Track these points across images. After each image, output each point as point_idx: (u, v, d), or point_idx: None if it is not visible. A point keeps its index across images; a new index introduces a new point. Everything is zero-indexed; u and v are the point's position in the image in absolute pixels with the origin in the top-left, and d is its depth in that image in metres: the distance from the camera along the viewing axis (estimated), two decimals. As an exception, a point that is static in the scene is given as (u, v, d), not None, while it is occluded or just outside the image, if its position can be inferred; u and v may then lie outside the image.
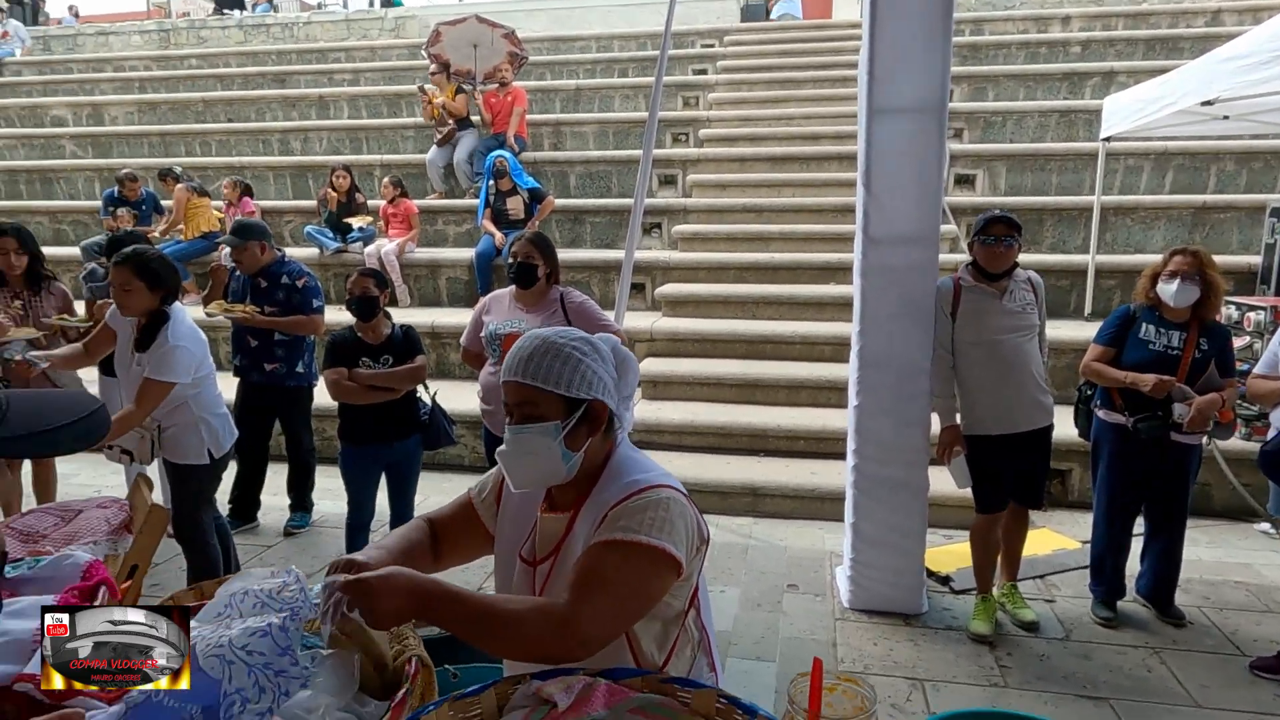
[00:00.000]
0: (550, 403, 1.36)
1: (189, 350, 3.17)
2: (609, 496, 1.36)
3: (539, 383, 1.36)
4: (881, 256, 3.40)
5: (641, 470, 1.41)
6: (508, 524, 1.52)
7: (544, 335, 1.41)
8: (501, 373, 1.42)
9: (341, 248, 7.42)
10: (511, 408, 1.41)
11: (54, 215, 9.24)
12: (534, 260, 3.48)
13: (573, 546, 1.38)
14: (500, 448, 1.40)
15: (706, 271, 6.92)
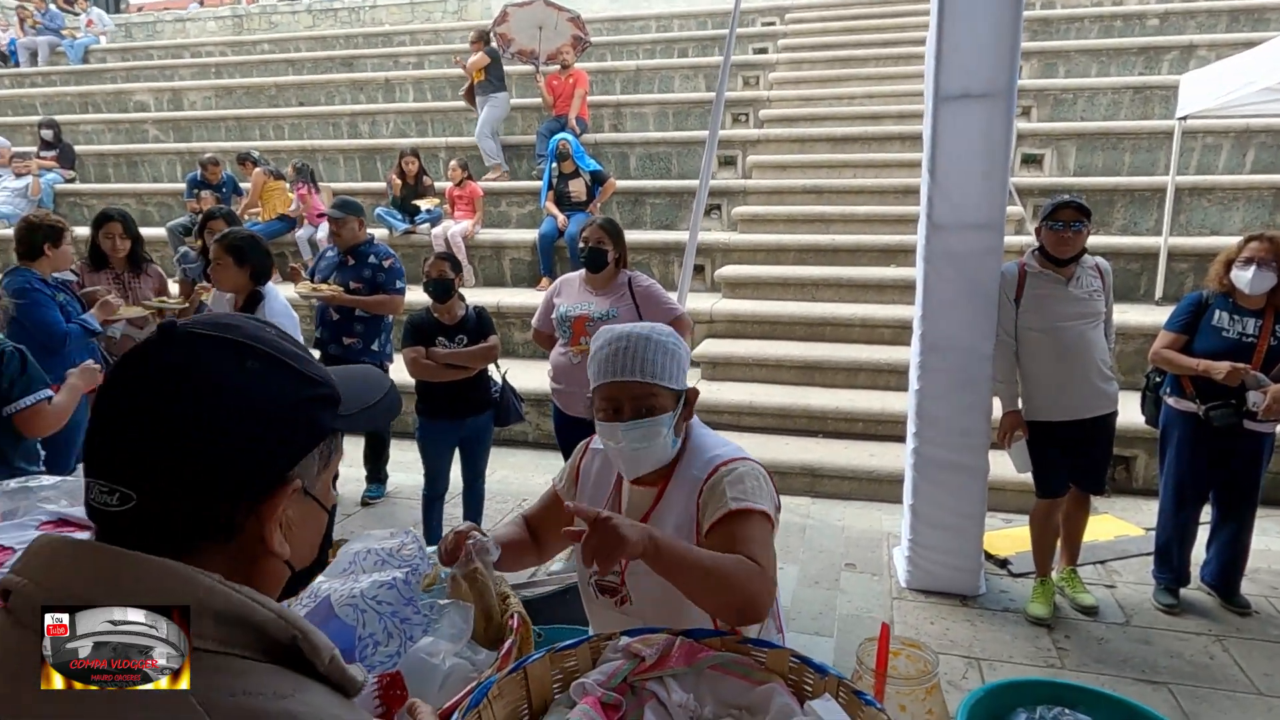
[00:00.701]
0: (664, 396, 1.50)
1: (282, 325, 3.42)
2: (697, 471, 1.52)
3: (656, 379, 1.49)
4: (945, 242, 3.42)
5: (720, 445, 1.59)
6: (586, 499, 1.67)
7: (643, 333, 1.52)
8: (607, 372, 1.51)
9: (410, 229, 7.66)
10: (624, 403, 1.50)
11: (140, 197, 9.70)
12: (604, 245, 3.60)
13: (663, 515, 1.54)
14: (614, 443, 1.51)
15: (766, 253, 6.96)
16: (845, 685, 1.17)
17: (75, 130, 11.04)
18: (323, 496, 0.80)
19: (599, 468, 1.70)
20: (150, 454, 0.68)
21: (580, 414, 3.69)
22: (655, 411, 1.50)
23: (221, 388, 0.71)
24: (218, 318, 0.77)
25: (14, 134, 10.73)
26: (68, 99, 12.15)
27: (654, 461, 1.53)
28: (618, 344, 1.52)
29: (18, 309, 3.62)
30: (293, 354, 0.77)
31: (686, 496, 1.52)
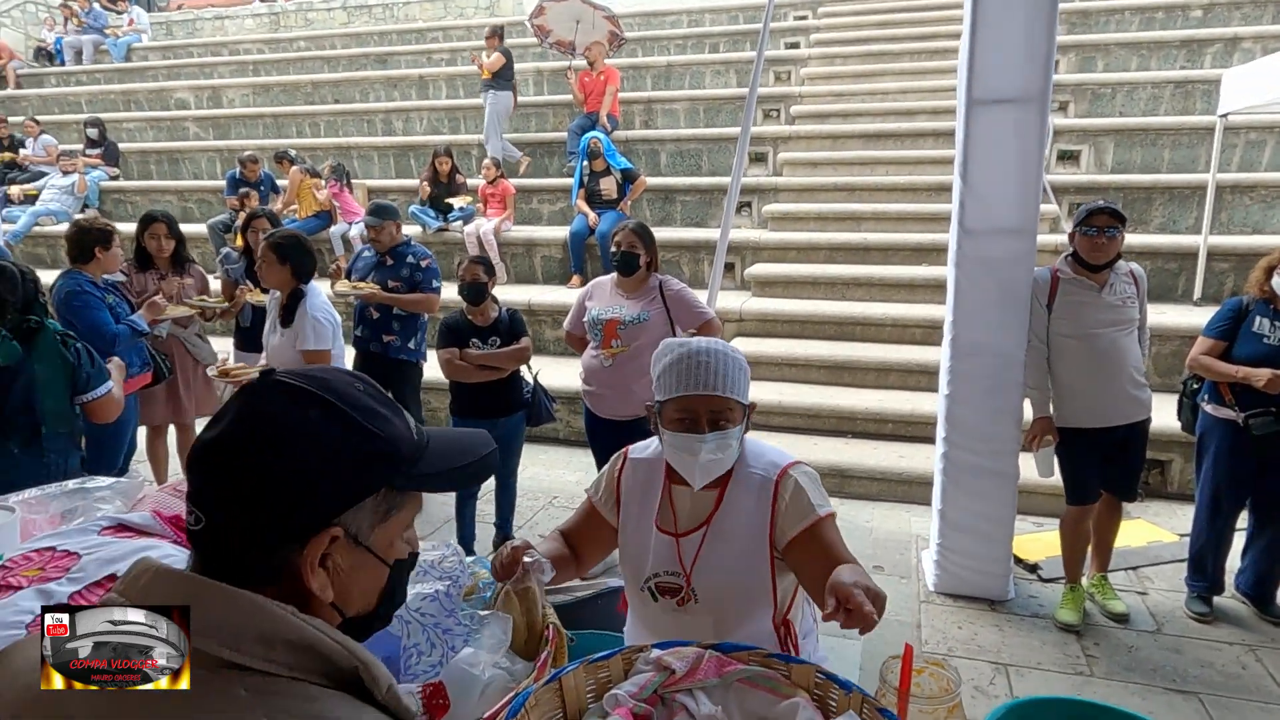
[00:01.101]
0: (737, 409, 1.60)
1: (322, 322, 3.69)
2: (761, 473, 1.63)
3: (733, 394, 1.59)
4: (977, 248, 3.42)
5: (768, 448, 1.71)
6: (634, 505, 1.73)
7: (720, 349, 1.62)
8: (687, 385, 1.58)
9: (443, 226, 7.76)
10: (701, 415, 1.58)
11: (181, 194, 9.93)
12: (636, 250, 3.64)
13: (728, 518, 1.63)
14: (690, 455, 1.58)
15: (796, 251, 6.95)
16: (869, 703, 1.21)
17: (119, 128, 11.31)
18: (381, 549, 0.84)
19: (643, 477, 1.74)
20: (213, 483, 0.78)
21: (611, 415, 3.75)
22: (731, 424, 1.59)
23: (277, 432, 0.78)
24: (312, 370, 0.84)
25: (61, 132, 11.04)
26: (111, 97, 12.45)
27: (722, 470, 1.62)
28: (696, 358, 1.59)
29: (71, 311, 3.77)
30: (365, 408, 0.82)
31: (755, 498, 1.62)
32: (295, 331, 3.65)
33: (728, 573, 1.62)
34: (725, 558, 1.62)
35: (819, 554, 1.54)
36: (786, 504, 1.60)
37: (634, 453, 1.79)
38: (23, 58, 14.05)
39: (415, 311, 4.66)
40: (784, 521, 1.59)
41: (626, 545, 1.75)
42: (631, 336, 3.63)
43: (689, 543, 1.65)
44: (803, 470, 1.66)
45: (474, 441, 0.95)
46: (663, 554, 1.67)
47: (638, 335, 3.63)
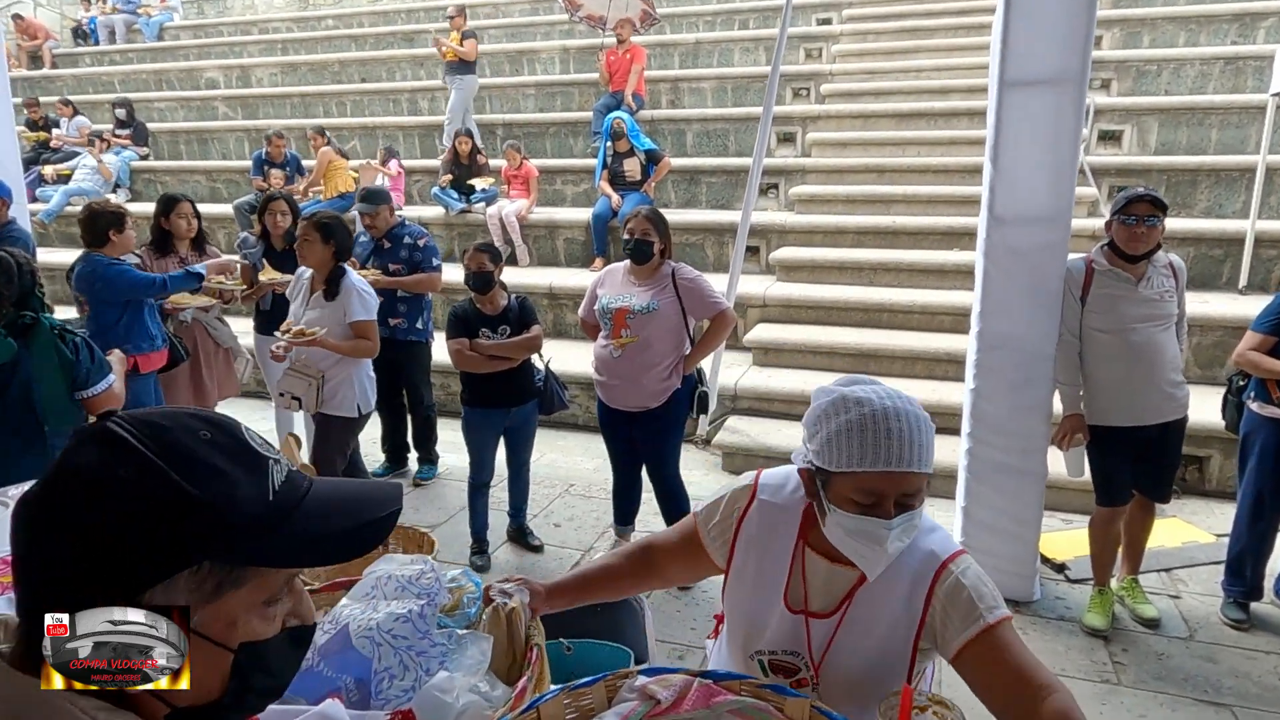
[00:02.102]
0: (924, 483, 1.31)
1: (368, 294, 3.74)
2: (917, 565, 1.36)
3: (928, 467, 1.29)
4: (1007, 237, 3.27)
5: (929, 529, 1.40)
6: (753, 558, 1.47)
7: (912, 410, 1.29)
8: (881, 459, 1.25)
9: (466, 208, 7.71)
10: (890, 496, 1.27)
11: (209, 174, 9.99)
12: (650, 238, 3.55)
13: (870, 605, 1.37)
14: (874, 544, 1.28)
15: (823, 235, 6.79)
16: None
17: (150, 107, 11.40)
18: (216, 632, 0.71)
19: (769, 527, 1.47)
20: (13, 545, 0.69)
21: (622, 406, 3.67)
22: (919, 502, 1.30)
23: (78, 492, 0.67)
24: (155, 416, 0.72)
25: (94, 112, 11.14)
26: (143, 76, 12.54)
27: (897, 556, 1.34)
28: (887, 424, 1.26)
29: (105, 283, 3.82)
30: (194, 464, 0.69)
31: (906, 591, 1.36)
32: (341, 305, 3.68)
33: (861, 667, 1.39)
34: (861, 651, 1.38)
35: (997, 668, 1.27)
36: (944, 605, 1.33)
37: (765, 492, 1.49)
38: (58, 37, 14.20)
39: (419, 292, 4.66)
40: (943, 627, 1.33)
41: (737, 604, 1.50)
42: (641, 326, 3.54)
43: (821, 627, 1.41)
44: (966, 565, 1.36)
45: (367, 500, 0.80)
46: (785, 632, 1.43)
47: (647, 325, 3.54)
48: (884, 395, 1.31)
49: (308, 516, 0.74)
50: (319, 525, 0.74)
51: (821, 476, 1.33)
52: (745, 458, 5.02)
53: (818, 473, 1.34)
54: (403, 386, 4.90)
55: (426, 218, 7.61)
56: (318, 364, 3.70)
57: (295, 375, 3.73)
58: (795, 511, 1.46)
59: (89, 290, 3.89)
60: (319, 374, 3.69)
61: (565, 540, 4.20)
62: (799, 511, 1.46)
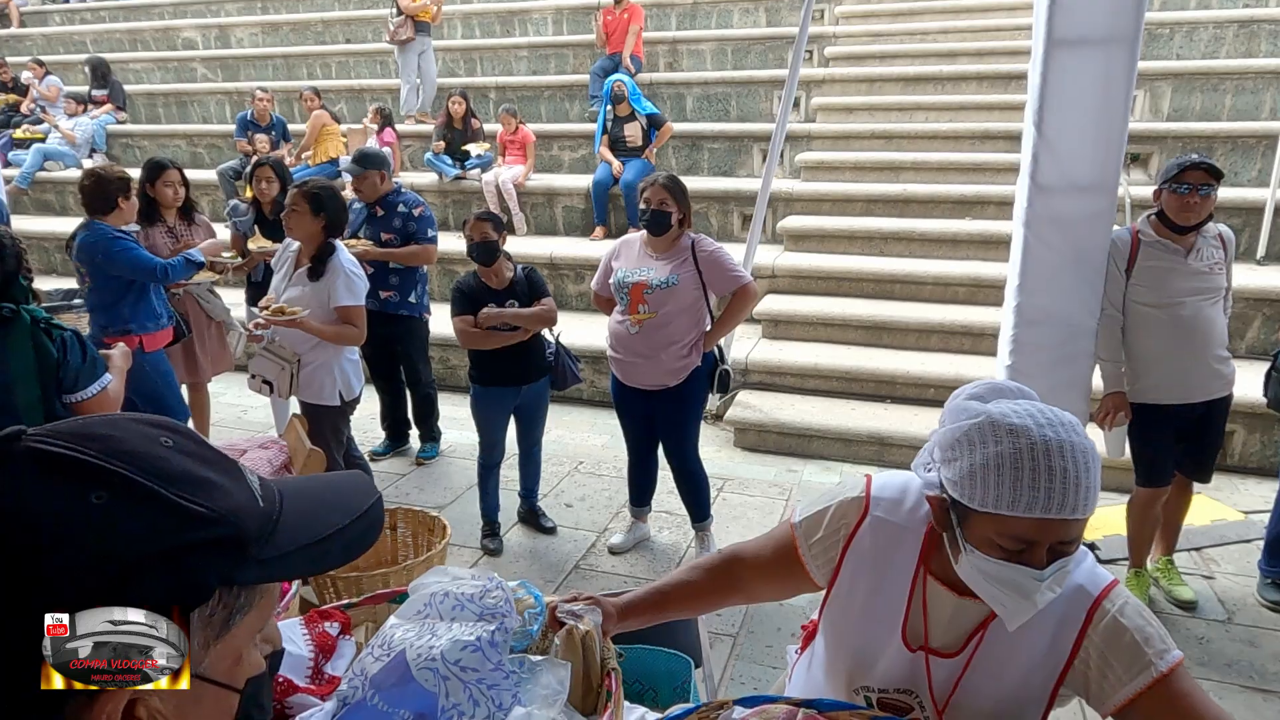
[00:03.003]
0: (1084, 526, 1.10)
1: (356, 277, 3.43)
2: (1061, 604, 1.16)
3: (1094, 509, 1.07)
4: (1050, 206, 3.11)
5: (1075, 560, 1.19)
6: (863, 581, 1.29)
7: (1084, 445, 1.07)
8: (1038, 504, 1.05)
9: (460, 174, 7.45)
10: (1043, 543, 1.08)
11: (190, 139, 9.62)
12: (667, 207, 3.36)
13: (1002, 645, 1.20)
14: (1019, 596, 1.09)
15: (831, 203, 6.61)
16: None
17: (125, 69, 10.95)
18: (224, 673, 0.60)
19: (884, 549, 1.27)
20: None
21: (639, 384, 3.51)
22: (1076, 548, 1.11)
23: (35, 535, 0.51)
24: (84, 425, 0.58)
25: (66, 72, 10.69)
26: (116, 36, 12.06)
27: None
28: (1053, 462, 1.04)
29: (108, 258, 3.60)
30: (179, 475, 0.56)
31: (1049, 631, 1.17)
32: (327, 286, 3.36)
33: (989, 713, 1.22)
34: (991, 695, 1.21)
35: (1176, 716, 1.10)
36: (1101, 651, 1.14)
37: (879, 508, 1.29)
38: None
39: (413, 264, 4.43)
40: (1100, 676, 1.15)
41: (843, 632, 1.33)
42: (659, 302, 3.37)
43: (944, 667, 1.23)
44: (1124, 600, 1.17)
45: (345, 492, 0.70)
46: (900, 670, 1.26)
47: (666, 300, 3.37)
48: (1043, 423, 1.07)
49: (297, 519, 0.64)
50: (310, 526, 0.64)
51: (958, 511, 1.13)
52: (758, 433, 4.89)
53: (953, 505, 1.14)
54: (399, 363, 4.70)
55: (419, 184, 7.35)
56: (294, 347, 3.39)
57: (269, 357, 3.42)
58: (916, 533, 1.27)
59: (90, 262, 3.65)
60: (294, 358, 3.39)
61: (579, 521, 4.06)
62: (920, 533, 1.26)
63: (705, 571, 1.44)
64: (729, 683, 2.90)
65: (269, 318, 3.26)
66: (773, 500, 4.24)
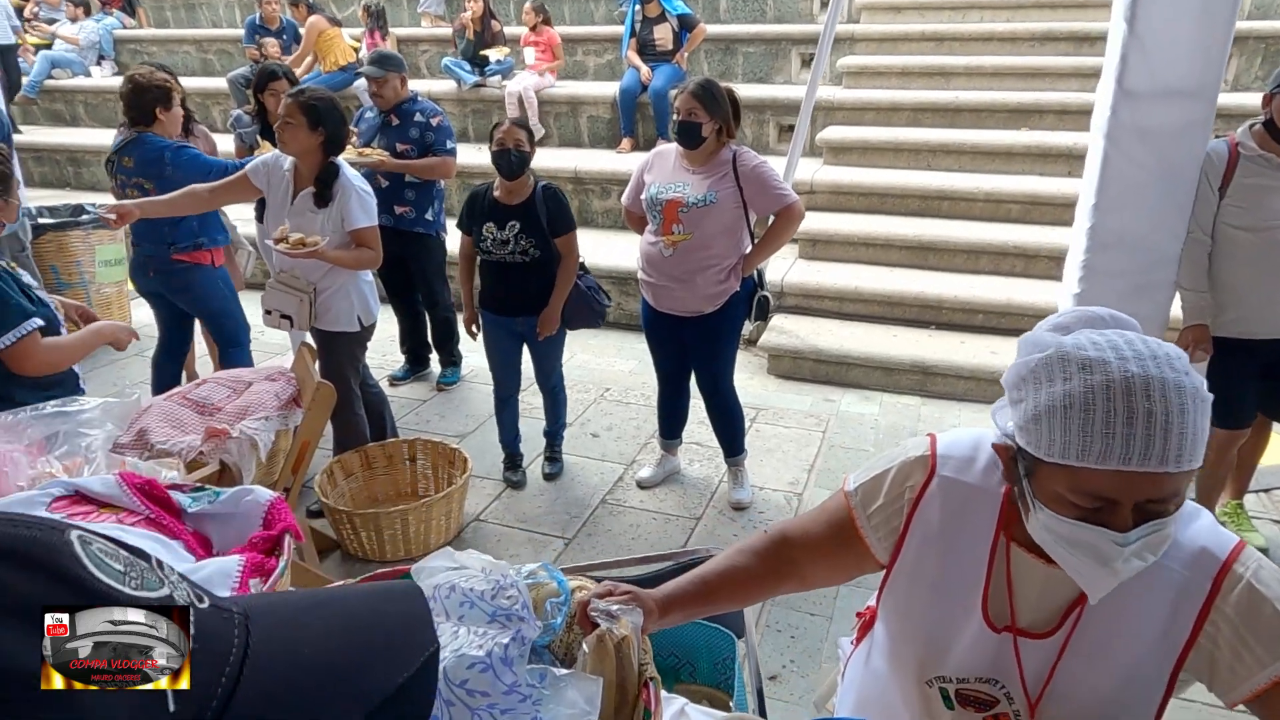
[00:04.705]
0: (1189, 479, 0.91)
1: (367, 195, 3.14)
2: (1174, 568, 0.98)
3: (1193, 463, 0.87)
4: (1138, 114, 2.75)
5: (1194, 517, 1.02)
6: (932, 552, 1.11)
7: (1183, 383, 0.87)
8: (1121, 453, 0.86)
9: (479, 82, 7.05)
10: (1127, 503, 0.89)
11: (200, 44, 9.23)
12: (697, 117, 3.03)
13: (1107, 623, 1.02)
14: (1099, 564, 0.91)
15: (875, 113, 6.16)
16: None
17: (130, -31, 10.45)
18: None
19: (957, 514, 1.09)
20: None
21: (672, 310, 3.27)
22: (1176, 508, 0.90)
23: None
24: None
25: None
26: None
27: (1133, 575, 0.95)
28: (1136, 403, 0.85)
29: (177, 169, 3.34)
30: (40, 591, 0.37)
31: (1166, 604, 0.98)
32: (339, 209, 3.07)
33: (1095, 703, 1.03)
34: (1094, 684, 1.03)
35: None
36: (1235, 626, 0.95)
37: (947, 467, 1.10)
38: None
39: (430, 178, 4.15)
40: (1234, 657, 0.96)
41: (909, 614, 1.15)
42: (695, 221, 3.09)
43: (1036, 650, 1.05)
44: (1258, 563, 0.98)
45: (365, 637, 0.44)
46: (982, 654, 1.08)
47: (702, 220, 3.08)
48: (1129, 355, 0.88)
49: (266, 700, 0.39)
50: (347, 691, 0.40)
51: (1026, 461, 0.95)
52: (793, 360, 4.65)
53: (1020, 454, 0.96)
54: (415, 283, 4.47)
55: (437, 93, 6.96)
56: (307, 276, 3.13)
57: (284, 290, 3.17)
58: (994, 495, 1.08)
59: (159, 176, 3.37)
60: (309, 287, 3.14)
61: (605, 453, 3.89)
62: (999, 494, 1.07)
63: (754, 556, 1.23)
64: (763, 629, 2.76)
65: (288, 251, 2.95)
66: (809, 432, 4.04)
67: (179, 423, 2.41)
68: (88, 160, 7.97)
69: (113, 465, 1.95)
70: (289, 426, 2.58)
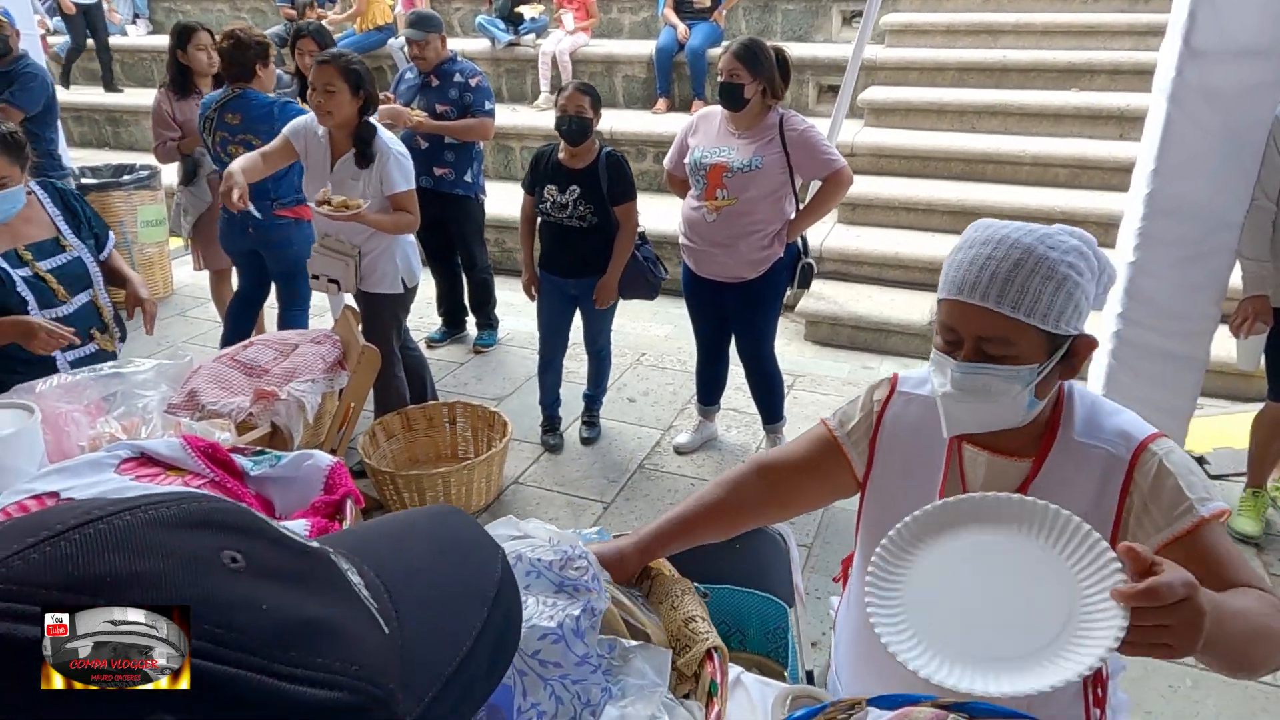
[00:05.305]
0: (1030, 340, 1.05)
1: (405, 157, 3.11)
2: (1102, 447, 1.12)
3: (1022, 315, 1.02)
4: (1205, 74, 2.64)
5: (1117, 413, 1.17)
6: (898, 458, 1.24)
7: (1027, 243, 1.04)
8: (955, 285, 1.06)
9: (514, 40, 6.96)
10: (965, 337, 1.07)
11: (233, 2, 9.19)
12: (739, 78, 2.98)
13: (1045, 497, 1.07)
14: (940, 378, 1.10)
15: (919, 72, 6.00)
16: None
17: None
18: None
19: (916, 420, 1.23)
20: None
21: (713, 276, 3.24)
22: (1008, 359, 1.05)
23: None
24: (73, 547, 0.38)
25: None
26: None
27: (988, 423, 1.11)
28: (982, 249, 1.05)
29: (283, 125, 3.25)
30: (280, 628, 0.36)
31: (1095, 482, 1.10)
32: (378, 172, 3.03)
33: None
34: None
35: (1196, 571, 0.99)
36: (1145, 497, 1.09)
37: (906, 384, 1.27)
38: None
39: (468, 139, 4.12)
40: (1138, 524, 1.09)
41: (877, 511, 1.25)
42: (740, 186, 3.04)
43: None
44: (1170, 448, 1.11)
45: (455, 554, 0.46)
46: None
47: (747, 185, 3.03)
48: (1025, 229, 1.08)
49: (424, 629, 0.41)
50: (444, 637, 0.41)
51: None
52: (831, 326, 4.60)
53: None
54: (454, 245, 4.46)
55: (470, 52, 6.89)
56: (350, 239, 3.12)
57: (329, 254, 3.16)
58: None
59: (269, 132, 3.33)
60: (354, 250, 3.13)
61: (642, 418, 3.89)
62: None
63: (732, 486, 1.32)
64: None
65: (331, 213, 2.92)
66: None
67: (228, 384, 2.44)
68: (126, 120, 8.03)
69: (167, 425, 1.98)
70: (334, 389, 2.61)
